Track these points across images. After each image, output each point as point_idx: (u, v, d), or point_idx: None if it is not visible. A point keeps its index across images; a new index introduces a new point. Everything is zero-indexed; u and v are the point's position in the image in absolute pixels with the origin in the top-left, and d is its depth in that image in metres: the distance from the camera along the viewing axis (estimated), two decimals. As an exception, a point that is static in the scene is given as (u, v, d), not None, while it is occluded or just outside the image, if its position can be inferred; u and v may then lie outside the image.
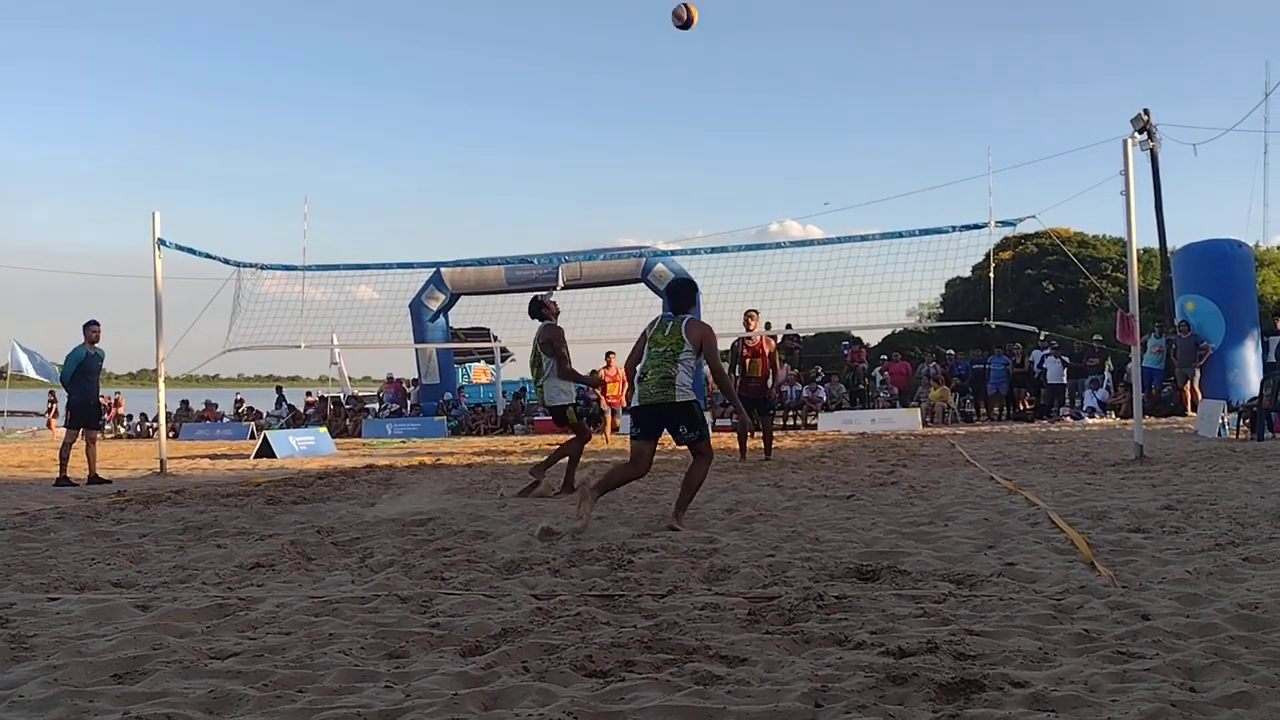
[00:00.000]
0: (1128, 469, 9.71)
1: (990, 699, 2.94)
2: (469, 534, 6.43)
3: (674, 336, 6.83)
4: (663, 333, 6.91)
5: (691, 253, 18.21)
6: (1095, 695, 2.94)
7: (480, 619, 4.00)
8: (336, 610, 4.25)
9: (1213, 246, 20.02)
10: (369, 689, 3.16)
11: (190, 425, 27.36)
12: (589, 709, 2.94)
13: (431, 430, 23.94)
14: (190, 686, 3.20)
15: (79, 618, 4.19)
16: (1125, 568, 4.78)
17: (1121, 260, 31.27)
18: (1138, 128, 22.16)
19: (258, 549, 5.99)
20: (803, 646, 3.56)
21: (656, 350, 6.85)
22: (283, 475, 11.91)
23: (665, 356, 6.81)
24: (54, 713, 3.00)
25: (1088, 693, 2.97)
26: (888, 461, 11.56)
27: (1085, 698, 2.92)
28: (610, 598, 4.40)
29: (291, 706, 3.01)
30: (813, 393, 22.91)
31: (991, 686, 3.02)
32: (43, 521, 7.69)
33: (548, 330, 9.06)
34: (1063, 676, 3.12)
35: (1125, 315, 11.12)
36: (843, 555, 5.31)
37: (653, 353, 6.86)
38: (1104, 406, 20.47)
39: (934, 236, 14.26)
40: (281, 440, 16.95)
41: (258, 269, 15.78)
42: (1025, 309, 34.78)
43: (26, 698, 3.13)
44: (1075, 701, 2.89)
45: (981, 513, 6.83)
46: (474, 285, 26.05)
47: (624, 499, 8.28)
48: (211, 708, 3.01)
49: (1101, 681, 3.06)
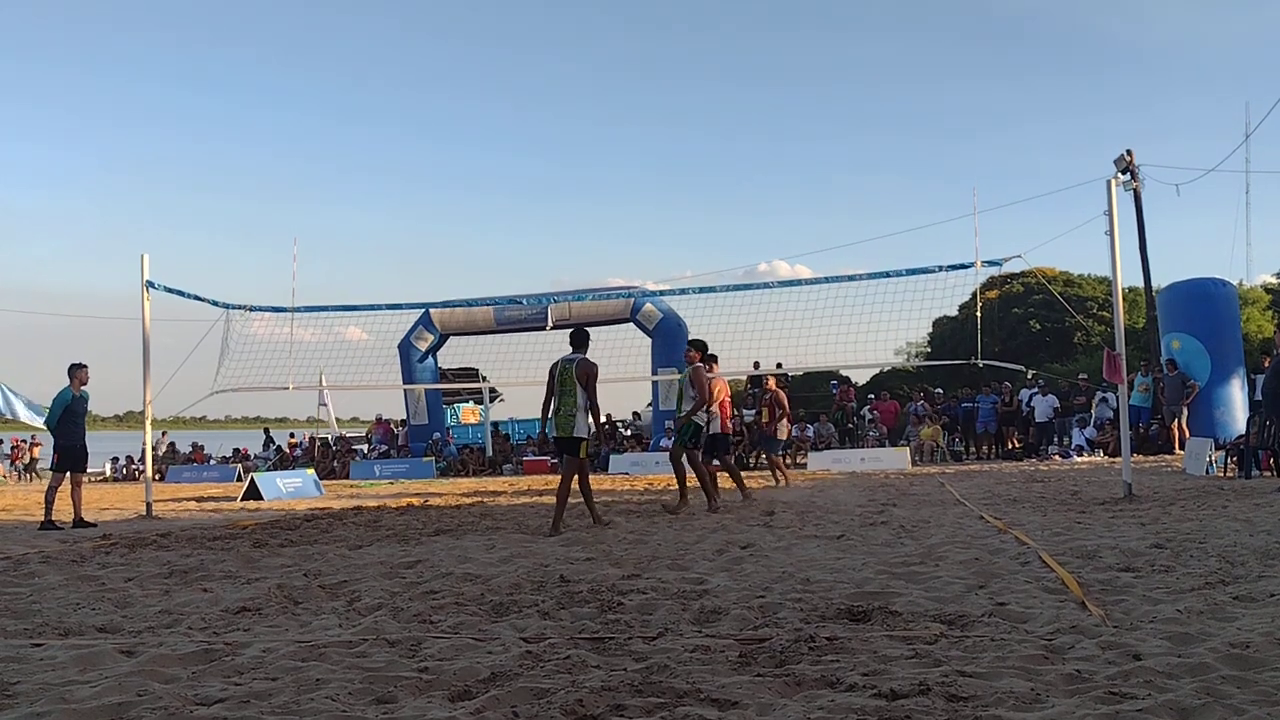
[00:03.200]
0: (1117, 507, 9.72)
1: (983, 741, 2.93)
2: (457, 576, 6.39)
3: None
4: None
5: (680, 293, 18.34)
6: (1088, 737, 2.93)
7: (469, 663, 3.96)
8: (324, 655, 4.21)
9: (1197, 285, 20.19)
10: (357, 735, 3.13)
11: (177, 468, 27.21)
12: (579, 754, 2.91)
13: (420, 471, 23.87)
14: (176, 734, 3.16)
15: (63, 664, 4.14)
16: (1116, 607, 4.77)
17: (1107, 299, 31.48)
18: (1121, 168, 22.40)
19: (244, 593, 5.94)
20: (794, 689, 3.53)
21: (563, 389, 9.22)
22: (270, 518, 11.83)
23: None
24: (37, 761, 2.95)
25: (1081, 734, 2.95)
26: (877, 501, 11.55)
27: (1078, 739, 2.90)
28: (600, 640, 4.37)
29: (278, 753, 2.97)
30: (801, 432, 22.93)
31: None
32: (27, 566, 7.61)
33: (591, 365, 9.45)
34: (1055, 718, 3.11)
35: (1112, 354, 11.18)
36: (834, 596, 5.29)
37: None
38: (1092, 445, 20.53)
39: (921, 276, 14.36)
40: (269, 482, 16.85)
41: (246, 310, 15.77)
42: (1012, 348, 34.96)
43: (9, 746, 3.08)
44: (1068, 743, 2.88)
45: (972, 552, 6.82)
46: (463, 326, 26.11)
47: (613, 540, 8.26)
48: (197, 755, 2.97)
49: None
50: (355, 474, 24.60)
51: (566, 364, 9.32)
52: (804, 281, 16.57)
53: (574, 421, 9.28)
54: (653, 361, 23.85)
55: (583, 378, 9.20)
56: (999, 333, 37.49)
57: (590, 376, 9.24)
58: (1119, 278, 11.48)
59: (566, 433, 9.28)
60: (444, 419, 28.10)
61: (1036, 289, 37.42)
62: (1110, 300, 11.96)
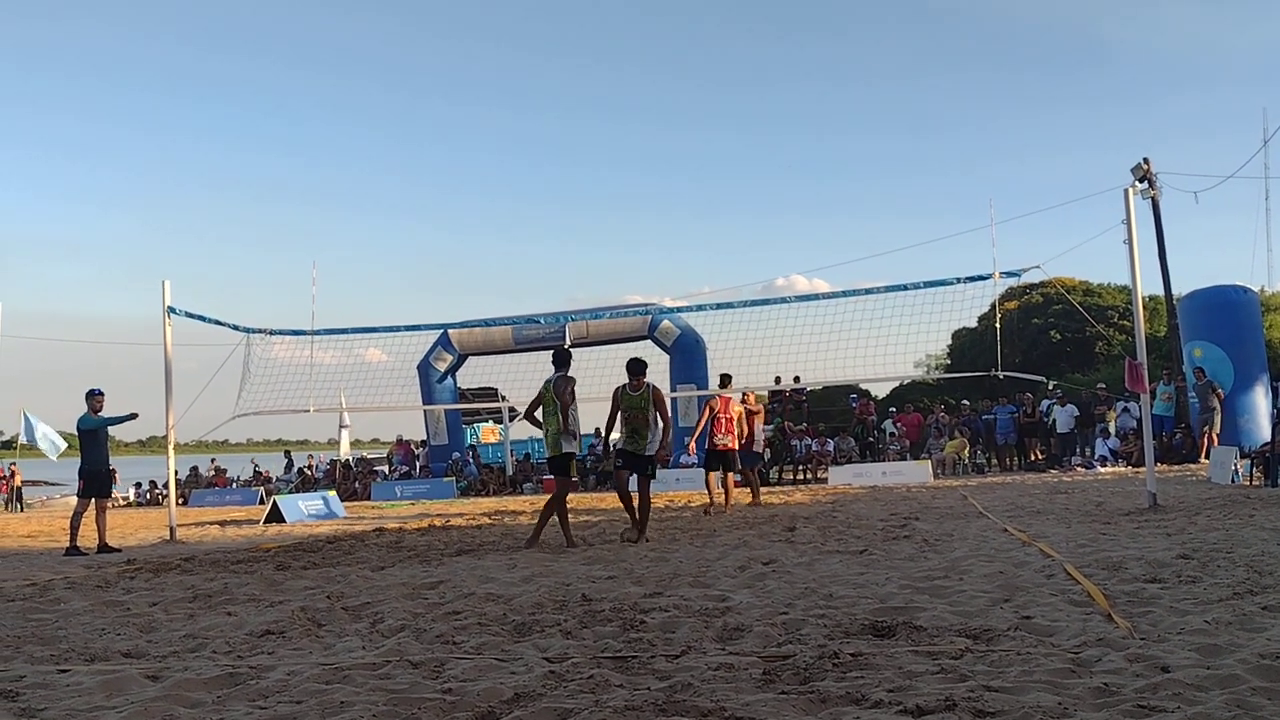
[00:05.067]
0: (1142, 518, 9.64)
1: (1011, 757, 2.90)
2: (479, 596, 6.39)
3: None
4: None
5: (697, 309, 18.33)
6: (1117, 751, 2.90)
7: (493, 683, 3.96)
8: (348, 677, 4.21)
9: (1218, 293, 20.04)
10: (382, 757, 3.13)
11: (200, 491, 27.35)
12: (604, 774, 2.90)
13: (441, 491, 23.90)
14: (201, 758, 3.16)
15: (89, 689, 4.15)
16: (1143, 619, 4.73)
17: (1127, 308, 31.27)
18: (1138, 176, 22.27)
19: (268, 616, 5.96)
20: (819, 706, 3.51)
21: (547, 410, 9.48)
22: (292, 540, 11.87)
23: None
24: (64, 788, 2.96)
25: (1110, 748, 2.92)
26: (900, 515, 11.49)
27: (1107, 754, 2.88)
28: (623, 659, 4.36)
29: (304, 777, 2.97)
30: (822, 446, 22.85)
31: (1012, 744, 2.98)
32: (52, 592, 7.66)
33: (569, 383, 9.56)
34: (1084, 732, 3.08)
35: (1133, 363, 11.11)
36: (857, 612, 5.26)
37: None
38: (1115, 455, 20.37)
39: (939, 288, 14.31)
40: (291, 505, 16.90)
41: (267, 334, 15.87)
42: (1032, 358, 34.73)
43: (37, 773, 3.10)
44: (1097, 758, 2.85)
45: (996, 565, 6.77)
46: (481, 345, 26.18)
47: (634, 558, 8.24)
48: (223, 780, 2.98)
49: (1123, 737, 3.02)
50: (376, 495, 24.64)
51: (547, 384, 9.55)
52: (821, 296, 16.54)
53: (558, 441, 9.45)
54: (671, 378, 23.84)
55: (560, 396, 9.40)
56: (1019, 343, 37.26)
57: (562, 394, 9.39)
58: (1139, 286, 11.42)
59: (555, 451, 9.53)
60: (464, 439, 28.14)
61: (1056, 299, 37.22)
62: (1130, 309, 11.90)
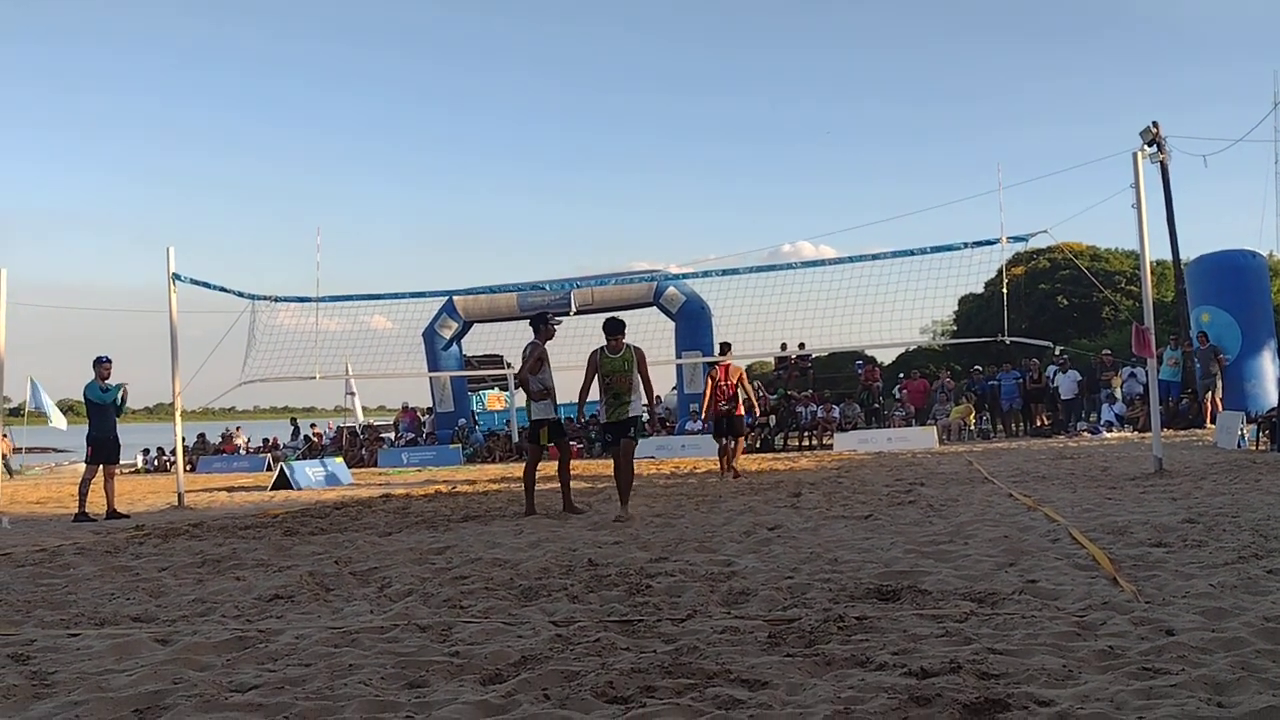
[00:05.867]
0: (1147, 483, 9.64)
1: (1016, 718, 2.92)
2: (486, 561, 6.42)
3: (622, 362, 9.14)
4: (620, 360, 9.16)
5: (703, 275, 18.25)
6: (1121, 713, 2.92)
7: (500, 646, 3.99)
8: (356, 641, 4.24)
9: (1226, 257, 19.95)
10: (390, 719, 3.15)
11: (207, 458, 27.46)
12: (611, 736, 2.93)
13: (447, 458, 23.97)
14: (211, 720, 3.19)
15: (99, 653, 4.19)
16: (1148, 583, 4.74)
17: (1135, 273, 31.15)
18: (1147, 140, 22.06)
19: (276, 580, 6.00)
20: (824, 669, 3.53)
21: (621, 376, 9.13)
22: (300, 506, 11.93)
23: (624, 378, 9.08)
24: (76, 749, 2.99)
25: (1114, 710, 2.94)
26: (905, 480, 11.51)
27: (1111, 715, 2.89)
28: (629, 623, 4.38)
29: (313, 738, 3.00)
30: (828, 413, 22.86)
31: (1016, 706, 3.00)
32: (62, 557, 7.71)
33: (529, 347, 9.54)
34: (1088, 694, 3.09)
35: (1141, 328, 11.08)
36: (862, 576, 5.28)
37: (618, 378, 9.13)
38: (1121, 420, 20.36)
39: (946, 254, 14.24)
40: (298, 471, 16.98)
41: (272, 301, 15.86)
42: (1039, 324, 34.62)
43: (49, 734, 3.13)
44: (1102, 719, 2.86)
45: (1001, 530, 6.79)
46: (486, 312, 26.16)
47: (640, 523, 8.27)
48: (233, 741, 3.00)
49: (1128, 698, 3.03)
50: (383, 462, 24.73)
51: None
52: (827, 262, 16.44)
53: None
54: (676, 345, 23.83)
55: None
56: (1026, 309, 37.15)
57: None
58: (1147, 251, 11.36)
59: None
60: (469, 405, 28.18)
61: (1063, 264, 37.04)
62: (1138, 274, 11.84)
